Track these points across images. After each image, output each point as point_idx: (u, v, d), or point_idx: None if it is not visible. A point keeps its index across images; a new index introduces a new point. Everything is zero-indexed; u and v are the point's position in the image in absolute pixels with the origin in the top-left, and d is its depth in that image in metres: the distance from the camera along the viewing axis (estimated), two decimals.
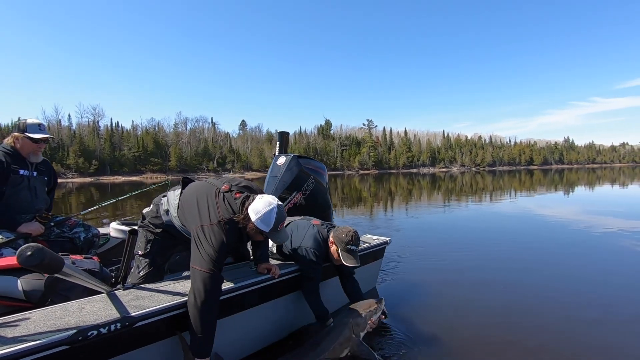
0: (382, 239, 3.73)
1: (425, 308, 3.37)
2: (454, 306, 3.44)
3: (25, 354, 1.39)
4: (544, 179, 32.59)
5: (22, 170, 2.52)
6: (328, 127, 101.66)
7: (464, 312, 3.29)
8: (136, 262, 2.35)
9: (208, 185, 2.17)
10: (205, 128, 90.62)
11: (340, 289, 2.96)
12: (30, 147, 2.54)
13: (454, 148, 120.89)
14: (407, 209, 11.99)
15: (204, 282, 1.83)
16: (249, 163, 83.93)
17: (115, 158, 67.74)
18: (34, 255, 1.31)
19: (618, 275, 4.33)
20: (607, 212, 9.91)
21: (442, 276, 4.37)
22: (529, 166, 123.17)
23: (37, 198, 2.59)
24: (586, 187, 21.40)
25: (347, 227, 2.69)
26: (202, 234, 1.93)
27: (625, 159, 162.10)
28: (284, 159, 3.55)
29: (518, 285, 4.02)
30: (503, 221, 8.87)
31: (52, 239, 2.52)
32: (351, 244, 2.56)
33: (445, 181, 31.89)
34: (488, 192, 18.67)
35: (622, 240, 6.22)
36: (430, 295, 3.74)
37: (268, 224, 2.00)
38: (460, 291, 3.85)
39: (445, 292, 3.82)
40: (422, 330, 2.90)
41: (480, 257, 5.27)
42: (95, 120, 73.08)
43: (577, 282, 4.15)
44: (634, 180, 26.49)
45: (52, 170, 2.81)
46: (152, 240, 2.34)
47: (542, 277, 4.28)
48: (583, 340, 2.75)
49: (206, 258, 1.87)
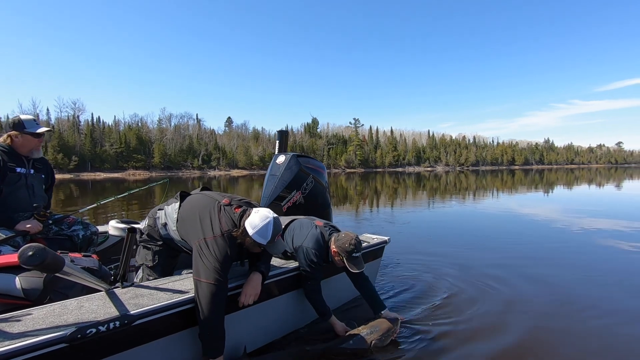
0: (381, 238, 3.71)
1: (426, 308, 3.37)
2: (454, 305, 3.43)
3: (24, 352, 1.39)
4: (525, 179, 33.42)
5: (19, 168, 2.46)
6: (315, 125, 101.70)
7: (463, 311, 3.30)
8: (144, 271, 2.38)
9: (209, 199, 2.19)
10: (190, 124, 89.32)
11: (342, 287, 2.99)
12: (33, 142, 2.49)
13: (439, 148, 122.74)
14: (394, 207, 12.16)
15: (211, 292, 1.87)
16: (234, 161, 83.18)
17: (96, 154, 66.07)
18: (35, 256, 1.31)
19: (603, 272, 4.53)
20: (586, 211, 10.30)
21: (441, 275, 4.37)
22: (511, 166, 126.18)
23: (34, 196, 2.54)
24: (565, 187, 22.12)
25: (348, 233, 2.68)
26: (205, 246, 1.95)
27: (601, 160, 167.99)
28: (284, 158, 3.56)
29: (517, 281, 4.08)
30: (490, 219, 9.10)
31: (50, 236, 2.49)
32: (355, 252, 2.58)
33: (430, 180, 32.38)
34: (472, 191, 19.07)
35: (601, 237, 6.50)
36: (430, 294, 3.73)
37: (265, 237, 2.04)
38: (459, 289, 3.87)
39: (445, 291, 3.80)
40: (423, 329, 2.91)
41: (477, 255, 5.35)
42: (75, 114, 71.10)
43: (572, 276, 4.36)
44: (610, 181, 27.48)
45: (49, 167, 2.76)
46: (157, 251, 2.38)
47: (542, 275, 4.35)
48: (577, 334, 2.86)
49: (211, 269, 1.90)
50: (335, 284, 3.10)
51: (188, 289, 2.05)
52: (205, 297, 1.87)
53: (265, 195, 3.49)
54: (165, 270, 2.41)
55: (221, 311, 1.94)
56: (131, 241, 1.92)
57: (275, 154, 3.90)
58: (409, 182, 30.29)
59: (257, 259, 2.33)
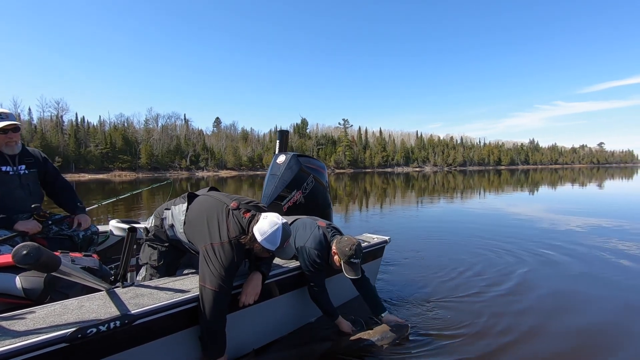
0: (381, 238, 3.70)
1: (425, 307, 3.37)
2: (455, 304, 3.44)
3: (24, 351, 1.38)
4: (511, 179, 34.06)
5: (4, 166, 2.38)
6: (304, 125, 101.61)
7: (463, 310, 3.31)
8: (148, 270, 2.36)
9: (217, 202, 2.16)
10: (178, 125, 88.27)
11: (344, 285, 3.01)
12: (0, 138, 2.36)
13: (427, 148, 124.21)
14: (383, 206, 12.27)
15: (215, 299, 1.87)
16: (223, 161, 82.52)
17: (81, 155, 64.75)
18: (29, 255, 1.28)
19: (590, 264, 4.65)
20: (568, 209, 10.61)
21: (441, 275, 4.36)
22: (497, 166, 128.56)
23: (31, 196, 2.48)
24: (549, 186, 22.63)
25: (350, 238, 2.69)
26: (212, 252, 1.94)
27: (584, 160, 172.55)
28: (284, 158, 3.55)
29: (517, 281, 4.09)
30: (489, 218, 9.18)
31: (51, 236, 2.45)
32: (354, 257, 2.58)
33: (419, 180, 32.73)
34: (460, 190, 19.34)
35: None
36: (429, 293, 3.72)
37: (274, 243, 2.03)
38: (458, 288, 3.87)
39: (445, 290, 3.80)
40: (422, 328, 2.92)
41: (473, 253, 5.37)
42: (58, 114, 69.51)
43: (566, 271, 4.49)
44: (593, 180, 28.22)
45: (40, 160, 2.62)
46: (163, 252, 2.35)
47: (542, 275, 4.35)
48: None
49: (217, 275, 1.89)
50: (337, 283, 3.10)
51: (189, 288, 2.05)
52: (208, 302, 1.87)
53: (266, 195, 3.48)
54: (170, 270, 2.39)
55: (223, 317, 1.95)
56: (132, 241, 1.91)
57: (276, 153, 3.89)
58: (398, 182, 30.54)
59: (258, 258, 2.31)
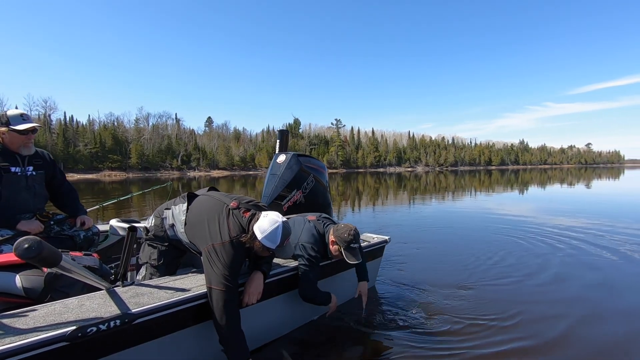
0: (381, 238, 3.70)
1: (426, 306, 3.36)
2: (454, 304, 3.44)
3: (25, 350, 1.38)
4: (502, 179, 34.45)
5: (14, 167, 2.35)
6: (297, 125, 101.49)
7: (463, 310, 3.29)
8: (148, 270, 2.36)
9: (217, 202, 2.17)
10: (169, 124, 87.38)
11: (344, 285, 3.03)
12: (19, 140, 2.36)
13: (419, 148, 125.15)
14: (377, 206, 12.34)
15: (224, 299, 1.88)
16: (215, 161, 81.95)
17: (70, 154, 63.55)
18: (31, 248, 1.28)
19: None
20: (556, 209, 10.80)
21: (440, 274, 4.37)
22: (488, 166, 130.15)
23: (36, 197, 2.46)
24: (539, 186, 22.97)
25: (348, 224, 2.70)
26: (214, 252, 1.95)
27: (572, 161, 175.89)
28: (284, 157, 3.57)
29: (518, 280, 4.11)
30: (484, 219, 9.21)
31: (52, 236, 2.42)
32: (353, 243, 2.60)
33: (411, 180, 32.91)
34: (451, 190, 19.53)
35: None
36: (429, 293, 3.73)
37: (274, 241, 2.04)
38: (458, 288, 3.88)
39: (446, 292, 3.79)
40: (422, 327, 2.94)
41: (470, 252, 5.43)
42: (46, 113, 68.16)
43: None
44: (581, 180, 28.75)
45: (48, 162, 2.61)
46: (163, 252, 2.35)
47: (542, 274, 4.37)
48: None
49: (220, 275, 1.90)
50: (338, 283, 3.10)
51: (189, 287, 2.06)
52: (217, 303, 1.88)
53: (266, 195, 3.48)
54: (170, 270, 2.39)
55: (236, 316, 1.95)
56: (132, 240, 1.90)
57: (276, 153, 3.90)
58: (390, 182, 30.70)
59: (258, 257, 2.32)
